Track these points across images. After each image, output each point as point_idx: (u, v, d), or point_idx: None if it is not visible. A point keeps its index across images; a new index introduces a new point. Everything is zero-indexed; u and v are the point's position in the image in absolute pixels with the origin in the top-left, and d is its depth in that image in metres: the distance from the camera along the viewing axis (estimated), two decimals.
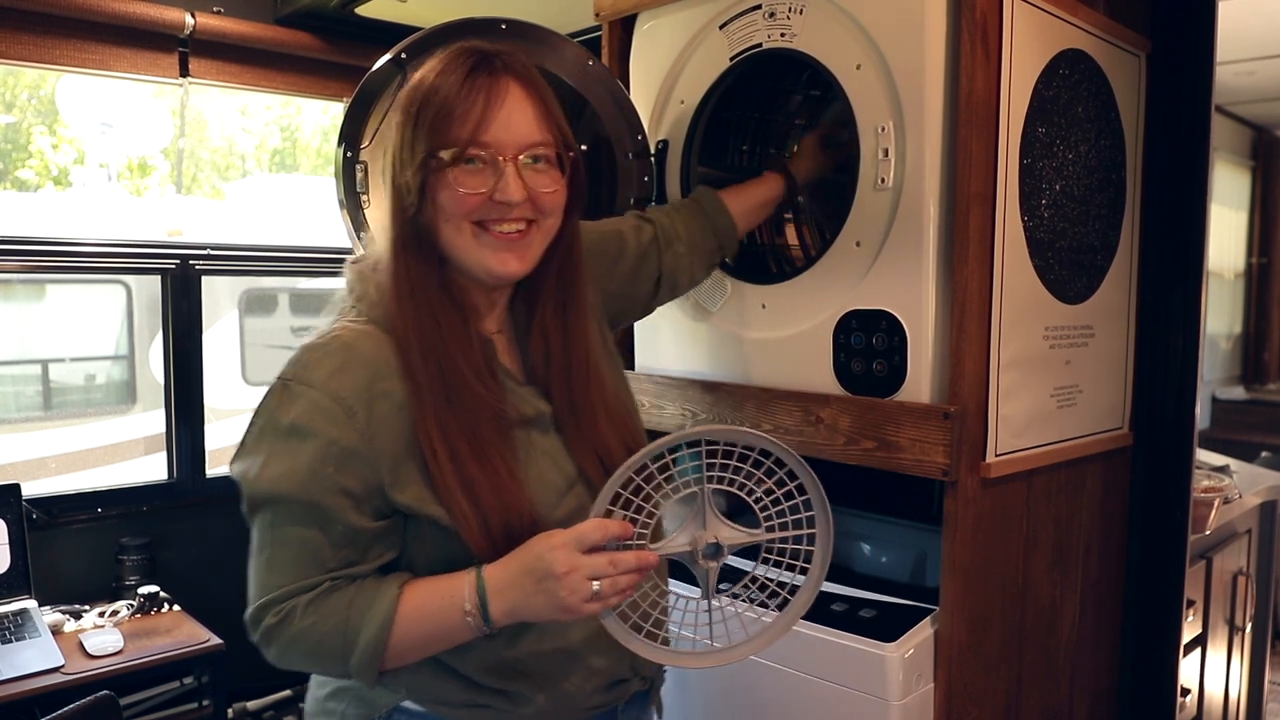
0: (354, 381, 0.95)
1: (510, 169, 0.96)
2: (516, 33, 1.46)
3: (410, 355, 0.97)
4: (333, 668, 0.99)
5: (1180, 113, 1.64)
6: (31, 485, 2.31)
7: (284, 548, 0.96)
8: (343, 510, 0.95)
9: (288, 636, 0.96)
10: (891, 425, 1.34)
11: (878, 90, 1.35)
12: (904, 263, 1.34)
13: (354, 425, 0.94)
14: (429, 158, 0.95)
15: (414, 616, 0.96)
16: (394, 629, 0.95)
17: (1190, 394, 1.66)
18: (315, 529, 0.95)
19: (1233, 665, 2.17)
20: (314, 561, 0.96)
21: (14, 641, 1.97)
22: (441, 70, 0.97)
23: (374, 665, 0.96)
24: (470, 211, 0.96)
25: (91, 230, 2.54)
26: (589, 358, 1.09)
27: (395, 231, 0.98)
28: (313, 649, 0.96)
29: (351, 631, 0.95)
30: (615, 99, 1.56)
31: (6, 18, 2.09)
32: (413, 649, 0.97)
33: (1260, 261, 4.48)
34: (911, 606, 1.38)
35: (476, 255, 0.98)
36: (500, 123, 0.95)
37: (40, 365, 3.65)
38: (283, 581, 0.95)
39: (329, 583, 0.96)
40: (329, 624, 0.95)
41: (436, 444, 0.96)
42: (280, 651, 0.98)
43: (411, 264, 0.98)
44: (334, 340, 0.98)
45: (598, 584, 0.91)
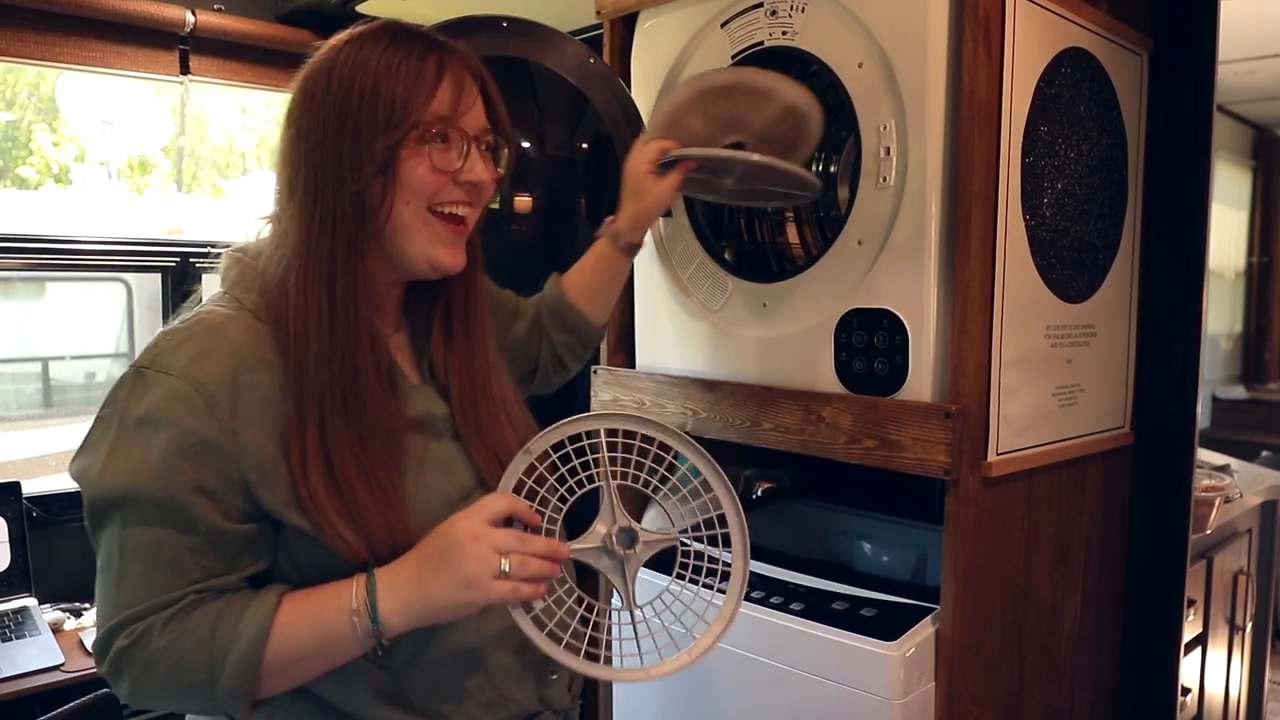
0: (218, 368, 0.86)
1: (475, 150, 0.95)
2: (518, 30, 1.46)
3: (303, 352, 0.88)
4: (196, 696, 0.86)
5: (1182, 112, 1.64)
6: (32, 483, 2.31)
7: (136, 558, 0.84)
8: (202, 510, 0.84)
9: (142, 661, 0.83)
10: (893, 424, 1.34)
11: (880, 88, 1.35)
12: (905, 261, 1.34)
13: (215, 415, 0.85)
14: (409, 132, 0.91)
15: (293, 626, 0.85)
16: (270, 641, 0.84)
17: (1191, 393, 1.66)
18: (171, 532, 0.84)
19: (1233, 665, 2.17)
20: (172, 571, 0.84)
21: (14, 640, 1.97)
22: (388, 47, 0.92)
23: (246, 687, 0.83)
24: (435, 191, 0.93)
25: (92, 228, 2.54)
26: (490, 356, 1.07)
27: (323, 213, 0.90)
28: (172, 672, 0.84)
29: (219, 648, 0.83)
30: (616, 97, 1.56)
31: (7, 15, 2.09)
32: (291, 665, 0.86)
33: (1261, 261, 4.48)
34: (912, 606, 1.38)
35: (423, 243, 0.94)
36: (464, 104, 0.94)
37: (40, 363, 3.64)
38: (137, 598, 0.84)
39: (193, 596, 0.85)
40: (191, 640, 0.83)
41: (311, 454, 0.87)
42: (134, 681, 0.85)
43: (340, 248, 0.90)
44: (197, 324, 0.90)
45: (506, 562, 0.84)
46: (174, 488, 0.84)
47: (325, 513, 0.87)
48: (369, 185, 0.90)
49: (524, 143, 1.58)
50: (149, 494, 0.84)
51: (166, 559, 0.85)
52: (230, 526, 0.87)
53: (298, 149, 0.92)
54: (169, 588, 0.85)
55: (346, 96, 0.90)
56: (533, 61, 1.50)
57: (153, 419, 0.85)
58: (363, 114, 0.90)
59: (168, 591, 0.85)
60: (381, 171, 0.90)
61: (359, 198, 0.90)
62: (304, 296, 0.90)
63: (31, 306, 3.49)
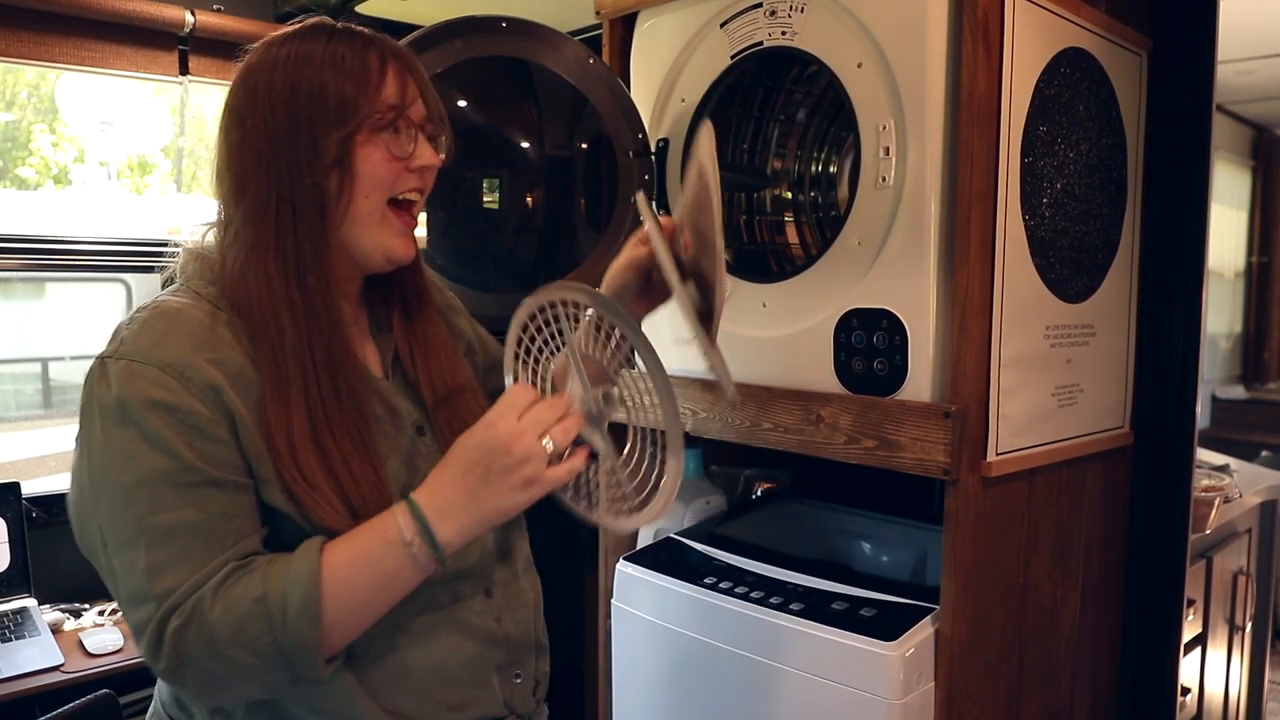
0: (179, 347, 0.87)
1: (421, 136, 0.97)
2: (517, 31, 1.46)
3: (278, 341, 0.89)
4: (266, 663, 0.82)
5: (1181, 111, 1.64)
6: (31, 484, 2.31)
7: (165, 544, 0.82)
8: (212, 476, 0.84)
9: (205, 638, 0.81)
10: (892, 424, 1.34)
11: (879, 88, 1.35)
12: (905, 261, 1.34)
13: (190, 390, 0.85)
14: (363, 124, 0.91)
15: (347, 567, 0.84)
16: (324, 584, 0.82)
17: (1191, 393, 1.66)
18: (192, 509, 0.83)
19: (1233, 664, 2.17)
20: (208, 543, 0.83)
21: (13, 640, 1.97)
22: (327, 41, 0.93)
23: (314, 635, 0.81)
24: (393, 181, 0.94)
25: (92, 228, 2.54)
26: (448, 346, 1.07)
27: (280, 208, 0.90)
28: (235, 640, 0.81)
29: (275, 602, 0.81)
30: (616, 97, 1.56)
31: (6, 15, 2.09)
32: (356, 607, 0.84)
33: (1260, 261, 4.48)
34: (912, 606, 1.38)
35: (380, 236, 0.95)
36: (412, 95, 0.96)
37: (40, 364, 3.64)
38: (179, 580, 0.82)
39: (234, 563, 0.84)
40: (245, 604, 0.81)
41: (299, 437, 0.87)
42: (201, 665, 0.82)
43: (304, 242, 0.91)
44: (154, 311, 0.90)
45: (549, 441, 0.84)
46: (184, 461, 0.84)
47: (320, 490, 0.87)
48: (325, 178, 0.91)
49: (524, 143, 1.58)
50: (159, 476, 0.83)
51: (197, 534, 0.83)
52: (245, 481, 0.87)
53: (245, 148, 0.92)
54: (209, 559, 0.83)
55: (294, 93, 0.90)
56: (532, 62, 1.50)
57: (133, 404, 0.84)
58: (314, 109, 0.90)
59: (208, 563, 0.83)
60: (337, 164, 0.91)
61: (317, 190, 0.90)
62: (269, 290, 0.90)
63: (31, 307, 3.49)
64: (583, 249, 1.60)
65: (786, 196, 1.73)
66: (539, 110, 1.58)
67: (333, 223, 0.92)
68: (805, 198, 1.70)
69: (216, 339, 0.89)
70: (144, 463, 0.83)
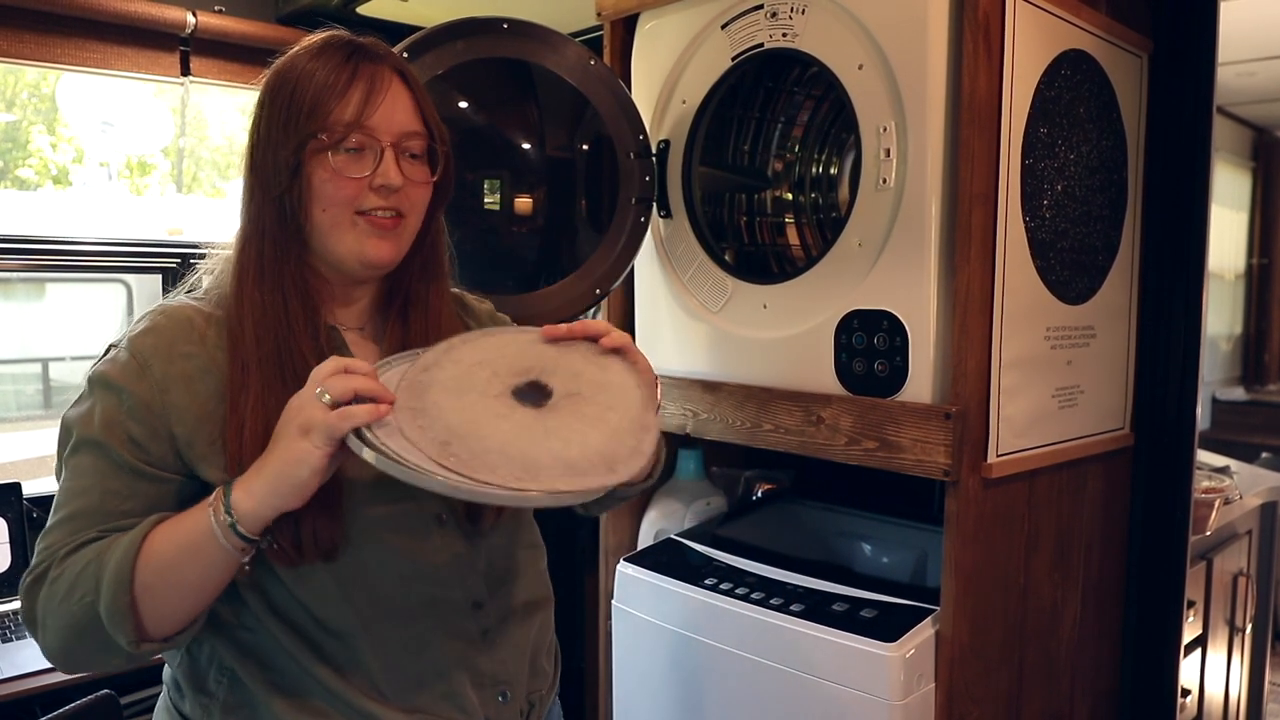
0: (156, 340, 0.94)
1: (389, 154, 0.95)
2: (518, 32, 1.46)
3: (242, 334, 0.94)
4: (91, 623, 0.86)
5: (1182, 113, 1.64)
6: (32, 484, 2.31)
7: (63, 508, 0.90)
8: (128, 459, 0.90)
9: (46, 594, 0.87)
10: (893, 425, 1.34)
11: (880, 90, 1.35)
12: (906, 263, 1.34)
13: (147, 378, 0.92)
14: (308, 139, 0.93)
15: (163, 534, 0.87)
16: (141, 550, 0.85)
17: (1191, 395, 1.66)
18: (93, 480, 0.90)
19: (1233, 666, 2.17)
20: (90, 518, 0.89)
21: (14, 640, 1.97)
22: (317, 54, 0.95)
23: (123, 599, 0.83)
24: (351, 199, 0.94)
25: (92, 229, 2.54)
26: None
27: (253, 213, 0.96)
28: (66, 596, 0.86)
29: (103, 565, 0.85)
30: (617, 98, 1.56)
31: (8, 16, 2.09)
32: (162, 571, 0.85)
33: (1260, 262, 4.48)
34: (912, 607, 1.38)
35: (351, 241, 0.96)
36: (382, 110, 0.95)
37: (40, 364, 3.64)
38: (57, 541, 0.89)
39: (96, 532, 0.89)
40: (79, 565, 0.86)
41: (247, 423, 0.90)
42: (44, 621, 0.88)
43: (267, 246, 0.95)
44: (155, 310, 0.98)
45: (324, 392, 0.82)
46: (108, 438, 0.90)
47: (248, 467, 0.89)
48: (287, 190, 0.93)
49: (524, 144, 1.58)
50: (88, 440, 0.91)
51: (90, 504, 0.90)
52: (152, 472, 0.91)
53: (246, 154, 0.97)
54: (81, 528, 0.89)
55: (273, 103, 0.95)
56: (533, 63, 1.51)
57: (103, 380, 0.93)
58: (280, 120, 0.93)
59: (80, 532, 0.89)
60: (293, 176, 0.93)
61: (279, 202, 0.94)
62: (240, 289, 0.96)
63: (32, 307, 3.49)
64: (583, 250, 1.60)
65: (787, 198, 1.73)
66: (540, 111, 1.58)
67: (297, 232, 0.95)
68: (806, 199, 1.70)
69: (199, 337, 0.95)
70: (77, 433, 0.92)
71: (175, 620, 0.88)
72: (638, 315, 1.75)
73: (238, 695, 0.96)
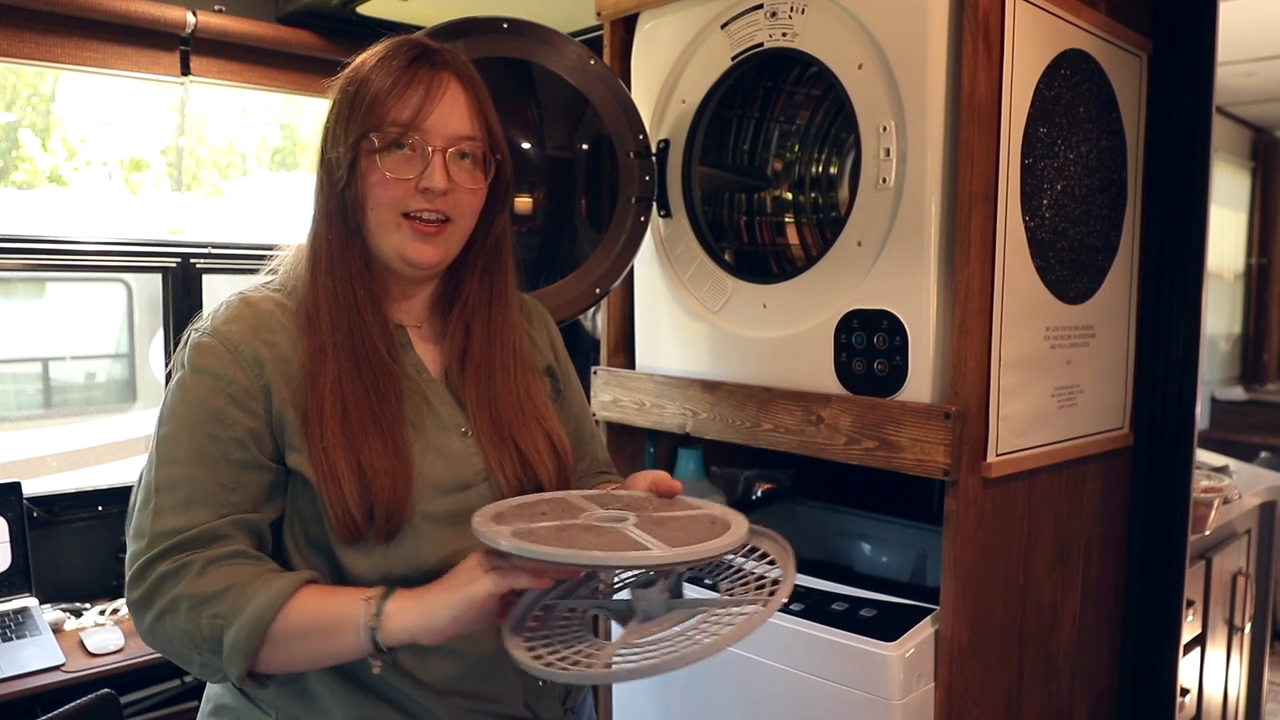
0: (240, 327, 0.97)
1: (438, 158, 0.97)
2: (518, 32, 1.46)
3: (318, 320, 0.98)
4: (204, 645, 0.88)
5: (1181, 113, 1.64)
6: (32, 483, 2.31)
7: (171, 493, 0.91)
8: (229, 447, 0.93)
9: (175, 595, 0.88)
10: (892, 425, 1.35)
11: (879, 90, 1.35)
12: (905, 262, 1.34)
13: (239, 363, 0.95)
14: (362, 138, 0.96)
15: (310, 599, 0.90)
16: (281, 612, 0.87)
17: (1190, 394, 1.66)
18: (202, 469, 0.92)
19: (1232, 665, 2.17)
20: (205, 504, 0.91)
21: (14, 640, 1.97)
22: (384, 57, 0.99)
23: (251, 642, 0.87)
24: (397, 200, 0.97)
25: (92, 229, 2.54)
26: (515, 359, 1.09)
27: (320, 204, 1.01)
28: (195, 609, 0.88)
29: (246, 596, 0.88)
30: (617, 98, 1.56)
31: (8, 16, 2.09)
32: (295, 637, 0.89)
33: (1260, 262, 4.49)
34: (912, 606, 1.38)
35: (396, 241, 0.99)
36: (436, 114, 0.97)
37: (40, 363, 3.64)
38: (175, 528, 0.90)
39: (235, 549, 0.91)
40: (222, 584, 0.89)
41: (327, 403, 0.95)
42: (159, 614, 0.89)
43: (334, 237, 0.99)
44: (234, 298, 1.02)
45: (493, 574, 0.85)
46: (210, 425, 0.93)
47: (330, 452, 0.94)
48: (347, 185, 0.97)
49: (524, 143, 1.58)
50: (187, 432, 0.93)
51: (201, 492, 0.92)
52: (256, 459, 0.95)
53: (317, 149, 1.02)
54: (202, 519, 0.91)
55: (340, 101, 0.99)
56: (533, 63, 1.51)
57: (196, 369, 0.95)
58: (343, 117, 0.98)
59: (204, 520, 0.91)
60: (350, 172, 0.97)
61: (342, 198, 0.98)
62: (313, 278, 1.00)
63: (32, 307, 3.49)
64: (583, 249, 1.60)
65: (787, 197, 1.73)
66: (540, 111, 1.58)
67: (356, 227, 0.99)
68: (806, 199, 1.70)
69: (278, 325, 0.99)
70: (180, 419, 0.94)
71: (284, 671, 0.93)
72: (638, 315, 1.76)
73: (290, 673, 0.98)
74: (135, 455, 3.57)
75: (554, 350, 1.22)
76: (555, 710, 1.08)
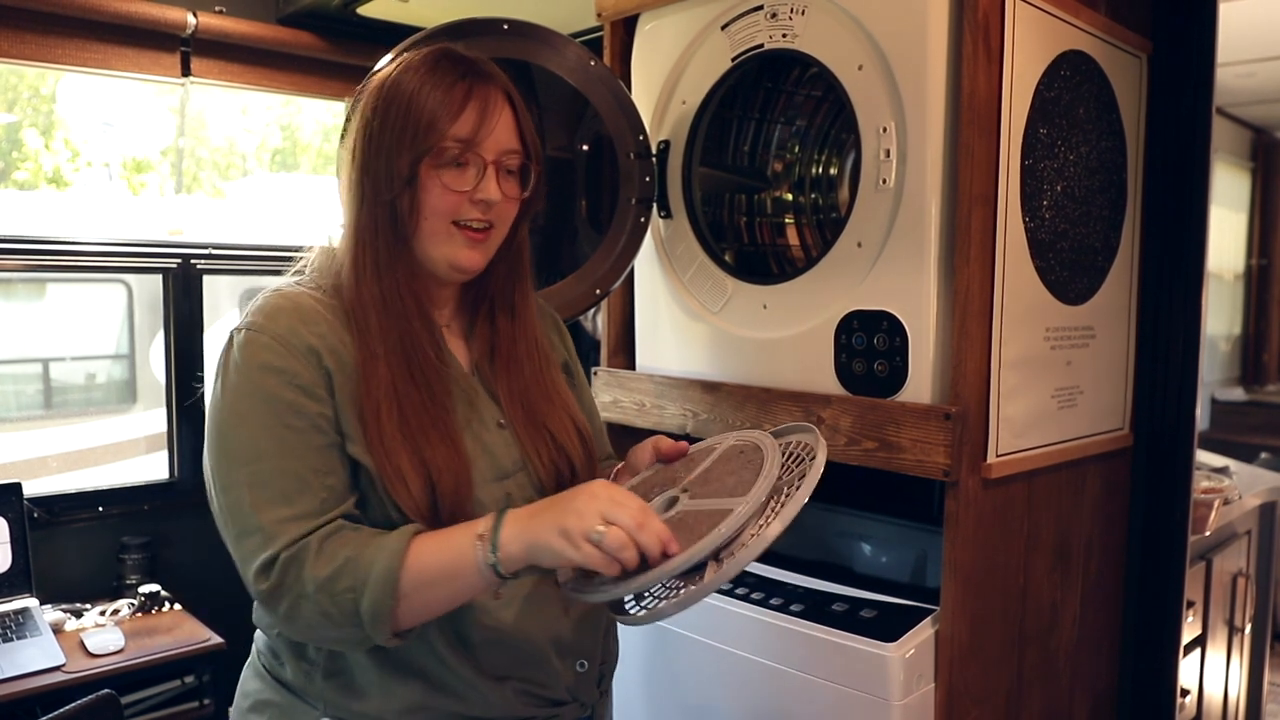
0: (287, 320, 0.99)
1: (490, 171, 1.02)
2: (519, 33, 1.47)
3: (366, 325, 1.01)
4: (344, 616, 0.92)
5: (1181, 114, 1.64)
6: (33, 484, 2.31)
7: (267, 487, 0.94)
8: (311, 434, 0.96)
9: (303, 577, 0.92)
10: (892, 426, 1.35)
11: (879, 91, 1.35)
12: (905, 263, 1.34)
13: (296, 354, 0.97)
14: (424, 154, 0.99)
15: (428, 549, 0.93)
16: (407, 557, 0.91)
17: (1190, 395, 1.66)
18: (292, 459, 0.95)
19: (1232, 666, 2.17)
20: (302, 491, 0.94)
21: (15, 640, 1.97)
22: (429, 70, 1.01)
23: (388, 602, 0.90)
24: (451, 210, 1.01)
25: (92, 229, 2.54)
26: (539, 350, 1.15)
27: (365, 216, 1.02)
28: (324, 587, 0.91)
29: (365, 564, 0.91)
30: (617, 99, 1.56)
31: (9, 17, 2.09)
32: (422, 587, 0.92)
33: (1260, 263, 4.48)
34: (912, 607, 1.38)
35: (447, 248, 1.03)
36: (491, 129, 1.02)
37: (41, 364, 3.64)
38: (284, 516, 0.93)
39: (340, 523, 0.95)
40: (339, 560, 0.92)
41: (383, 407, 0.97)
42: (293, 599, 0.92)
43: (382, 244, 1.02)
44: (272, 294, 1.03)
45: (603, 531, 0.86)
46: (287, 417, 0.95)
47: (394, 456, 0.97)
48: (399, 197, 1.00)
49: None
50: (265, 428, 0.95)
51: (296, 481, 0.94)
52: (338, 442, 0.98)
53: (352, 158, 1.03)
54: (306, 502, 0.94)
55: (386, 113, 1.00)
56: (533, 64, 1.51)
57: (257, 366, 0.97)
58: (395, 133, 0.99)
59: (307, 506, 0.94)
60: (407, 185, 1.00)
61: (392, 207, 1.01)
62: (359, 284, 1.02)
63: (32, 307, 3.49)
64: (583, 250, 1.60)
65: (787, 198, 1.73)
66: (540, 112, 1.58)
67: (405, 235, 1.02)
68: (806, 200, 1.70)
69: (320, 319, 1.01)
70: (254, 418, 0.96)
71: (424, 619, 0.96)
72: (638, 316, 1.76)
73: (337, 662, 1.02)
74: (135, 456, 3.57)
75: (566, 347, 1.28)
76: (592, 693, 1.13)
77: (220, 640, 2.09)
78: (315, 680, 1.03)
